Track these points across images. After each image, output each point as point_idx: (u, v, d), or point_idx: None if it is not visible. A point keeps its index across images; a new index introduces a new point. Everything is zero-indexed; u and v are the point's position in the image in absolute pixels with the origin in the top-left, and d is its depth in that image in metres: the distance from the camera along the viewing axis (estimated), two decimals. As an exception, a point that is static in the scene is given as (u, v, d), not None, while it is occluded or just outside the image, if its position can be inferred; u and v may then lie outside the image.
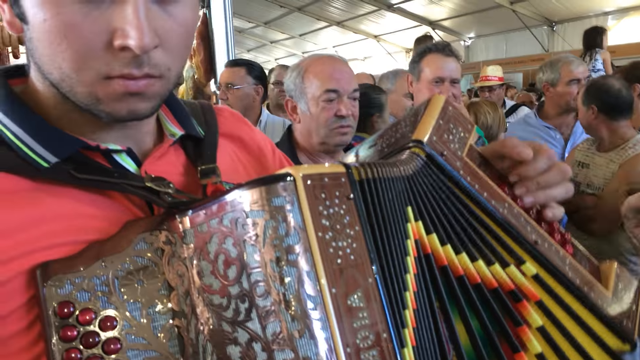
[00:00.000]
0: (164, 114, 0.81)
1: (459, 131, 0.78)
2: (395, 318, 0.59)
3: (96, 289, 0.62)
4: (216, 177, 0.76)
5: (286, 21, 20.22)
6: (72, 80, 0.63)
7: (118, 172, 0.69)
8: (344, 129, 1.84)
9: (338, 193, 0.60)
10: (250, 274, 0.58)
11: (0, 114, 0.69)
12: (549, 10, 13.34)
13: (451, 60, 2.37)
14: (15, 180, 0.64)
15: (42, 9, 0.60)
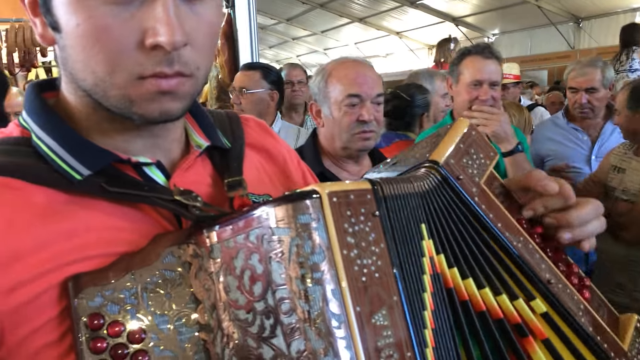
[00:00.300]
0: (190, 124, 0.82)
1: (480, 157, 0.76)
2: (418, 337, 0.59)
3: (125, 302, 0.63)
4: (243, 189, 0.77)
5: (308, 18, 20.21)
6: (106, 84, 0.64)
7: (148, 185, 0.71)
8: (366, 134, 1.83)
9: (364, 210, 0.60)
10: (275, 290, 0.58)
11: (35, 126, 0.70)
12: (575, 6, 13.12)
13: (491, 62, 2.33)
14: (49, 193, 0.66)
15: (75, 14, 0.62)
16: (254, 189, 0.81)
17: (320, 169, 1.84)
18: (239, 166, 0.81)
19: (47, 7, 0.64)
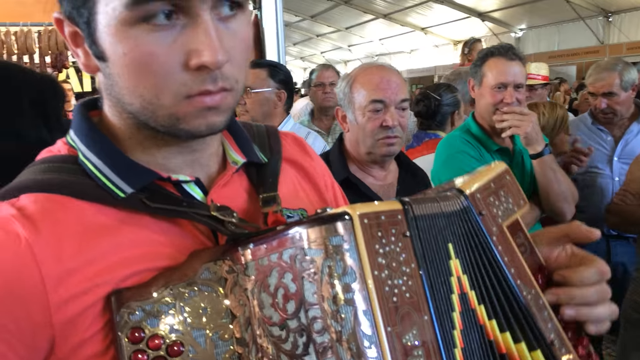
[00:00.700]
0: (227, 141, 0.84)
1: (509, 202, 0.77)
2: (449, 357, 0.60)
3: (164, 316, 0.66)
4: (277, 205, 0.79)
5: (332, 14, 20.18)
6: (154, 106, 0.67)
7: (186, 201, 0.73)
8: (390, 139, 1.83)
9: (394, 231, 0.61)
10: (308, 310, 0.60)
11: (82, 146, 0.73)
12: (604, 0, 12.87)
13: (515, 64, 2.28)
14: (96, 209, 0.69)
15: (121, 44, 0.64)
16: (288, 203, 0.84)
17: (346, 174, 1.86)
18: (275, 182, 0.83)
19: (92, 39, 0.67)
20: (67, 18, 0.69)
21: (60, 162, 0.74)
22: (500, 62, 2.28)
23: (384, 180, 1.93)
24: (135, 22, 0.63)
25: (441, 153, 2.37)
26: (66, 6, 0.68)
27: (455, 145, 2.31)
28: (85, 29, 0.67)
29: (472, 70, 2.41)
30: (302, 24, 22.77)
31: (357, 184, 1.85)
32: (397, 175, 1.97)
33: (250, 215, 0.79)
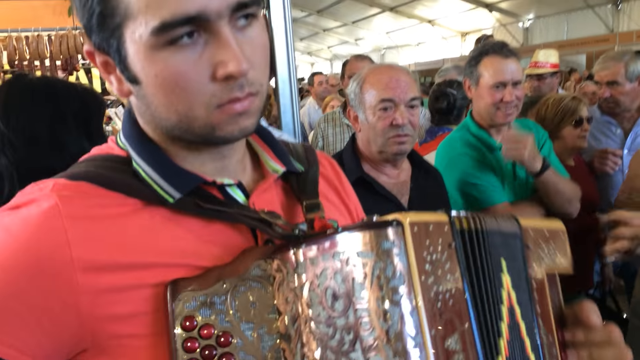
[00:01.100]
0: (264, 151, 0.88)
1: (555, 255, 0.82)
2: None
3: (216, 307, 0.69)
4: (321, 212, 0.83)
5: (339, 9, 20.15)
6: (189, 119, 0.71)
7: (235, 204, 0.78)
8: (401, 137, 1.84)
9: (441, 240, 0.65)
10: (357, 309, 0.63)
11: (133, 152, 0.78)
12: (613, -12, 12.77)
13: (510, 61, 2.23)
14: (145, 205, 0.74)
15: (151, 67, 0.68)
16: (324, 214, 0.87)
17: (360, 174, 1.88)
18: (315, 190, 0.87)
19: (123, 66, 0.71)
20: (97, 49, 0.72)
21: (115, 162, 0.78)
22: (496, 61, 2.23)
23: (397, 179, 1.95)
24: (161, 46, 0.67)
25: (443, 155, 2.34)
26: (95, 38, 0.71)
27: (456, 148, 2.29)
28: (116, 57, 0.71)
29: (467, 71, 2.34)
30: (308, 19, 22.75)
31: (372, 182, 1.87)
32: (410, 173, 1.99)
33: (293, 217, 0.83)
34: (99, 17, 0.68)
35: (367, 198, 1.84)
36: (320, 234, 0.70)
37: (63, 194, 0.70)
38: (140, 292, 0.69)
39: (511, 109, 2.24)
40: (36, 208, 0.69)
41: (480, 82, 2.27)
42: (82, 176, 0.74)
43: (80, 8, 0.70)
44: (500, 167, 2.28)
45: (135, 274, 0.70)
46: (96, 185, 0.73)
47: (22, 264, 0.66)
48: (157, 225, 0.73)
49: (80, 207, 0.70)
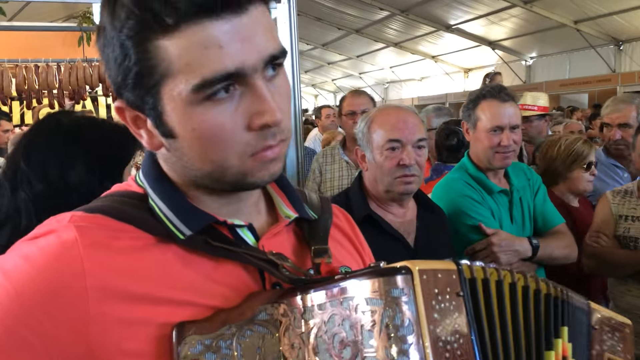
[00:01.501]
0: (279, 197, 0.90)
1: (619, 346, 0.83)
2: None
3: (222, 351, 0.69)
4: (328, 257, 0.84)
5: (344, 43, 20.41)
6: (223, 168, 0.73)
7: (244, 244, 0.79)
8: (407, 177, 1.87)
9: (449, 289, 0.65)
10: (365, 357, 0.63)
11: (149, 189, 0.80)
12: (615, 29, 12.93)
13: (508, 105, 2.26)
14: (158, 240, 0.76)
15: (189, 121, 0.70)
16: (334, 260, 0.88)
17: (367, 212, 1.89)
18: (325, 236, 0.89)
19: (159, 121, 0.73)
20: (128, 106, 0.74)
21: (133, 198, 0.80)
22: (494, 105, 2.25)
23: (404, 217, 1.97)
24: (199, 101, 0.69)
25: (442, 196, 2.33)
26: (128, 96, 0.73)
27: (456, 189, 2.30)
28: (151, 113, 0.73)
29: (465, 114, 2.37)
30: (313, 52, 23.03)
31: (379, 220, 1.89)
32: (415, 212, 2.00)
33: (301, 262, 0.85)
34: (135, 76, 0.69)
35: (374, 236, 1.85)
36: (329, 278, 0.70)
37: (80, 225, 0.72)
38: (148, 330, 0.70)
39: (509, 153, 2.26)
40: (54, 238, 0.70)
41: (478, 126, 2.29)
42: (99, 209, 0.76)
43: (114, 67, 0.71)
44: (498, 209, 2.29)
45: (145, 308, 0.70)
46: (111, 218, 0.74)
47: (38, 291, 0.67)
48: (168, 261, 0.74)
49: (97, 238, 0.71)
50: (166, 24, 0.66)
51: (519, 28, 14.68)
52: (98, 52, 0.74)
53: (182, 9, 0.65)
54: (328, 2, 16.08)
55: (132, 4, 0.66)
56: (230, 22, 0.67)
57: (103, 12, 0.70)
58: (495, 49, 16.51)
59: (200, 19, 0.66)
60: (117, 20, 0.67)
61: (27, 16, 9.38)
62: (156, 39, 0.67)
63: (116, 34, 0.68)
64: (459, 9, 14.40)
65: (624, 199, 2.62)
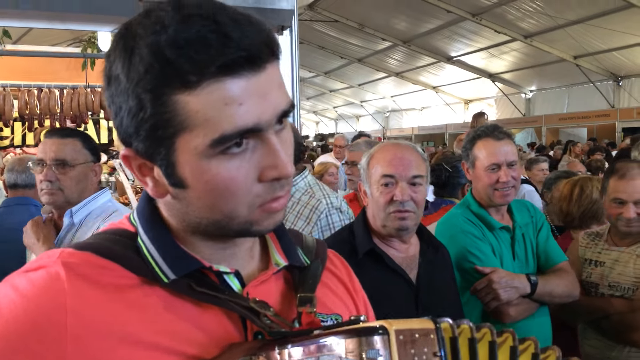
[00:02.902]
0: (273, 243, 0.89)
1: None
2: None
3: None
4: (311, 307, 0.82)
5: (346, 71, 20.64)
6: (230, 218, 0.73)
7: (227, 291, 0.78)
8: (402, 213, 1.88)
9: (426, 350, 0.65)
10: None
11: (140, 229, 0.79)
12: (614, 65, 13.10)
13: (504, 142, 2.30)
14: (141, 281, 0.75)
15: (203, 174, 0.70)
16: (324, 307, 0.88)
17: (371, 246, 1.91)
18: (314, 283, 0.87)
19: (170, 171, 0.72)
20: (137, 155, 0.73)
21: (123, 237, 0.80)
22: (490, 143, 2.30)
23: (406, 253, 1.98)
24: (214, 155, 0.69)
25: (443, 232, 2.34)
26: (138, 145, 0.72)
27: (458, 225, 2.32)
28: (163, 163, 0.72)
29: (464, 154, 2.41)
30: (315, 80, 23.26)
31: (382, 255, 1.90)
32: (418, 248, 2.01)
33: (285, 312, 0.83)
34: (150, 128, 0.69)
35: (377, 271, 1.88)
36: (309, 332, 0.70)
37: (68, 261, 0.72)
38: None
39: (508, 189, 2.29)
40: (43, 273, 0.71)
41: (476, 165, 2.33)
42: (88, 247, 0.76)
43: (127, 118, 0.70)
44: (499, 245, 2.30)
45: (124, 351, 0.70)
46: (99, 256, 0.74)
47: (20, 322, 0.68)
48: (151, 304, 0.74)
49: (82, 275, 0.71)
50: (188, 81, 0.66)
51: (519, 62, 14.87)
52: (107, 99, 0.74)
53: (204, 66, 0.65)
54: (332, 31, 16.31)
55: (152, 58, 0.65)
56: (249, 80, 0.68)
57: (116, 61, 0.69)
58: (496, 81, 16.69)
59: (222, 77, 0.66)
60: (134, 72, 0.67)
61: (32, 39, 9.48)
62: (175, 94, 0.67)
63: (132, 85, 0.67)
64: (459, 41, 14.61)
65: (593, 242, 2.60)
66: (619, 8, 10.22)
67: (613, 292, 2.42)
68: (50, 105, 4.56)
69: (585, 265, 2.52)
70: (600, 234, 2.60)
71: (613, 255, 2.47)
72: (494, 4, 11.63)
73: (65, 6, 2.75)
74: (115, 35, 0.71)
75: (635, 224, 2.39)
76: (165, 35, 0.65)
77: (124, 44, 0.68)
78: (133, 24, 0.69)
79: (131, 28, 0.69)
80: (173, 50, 0.65)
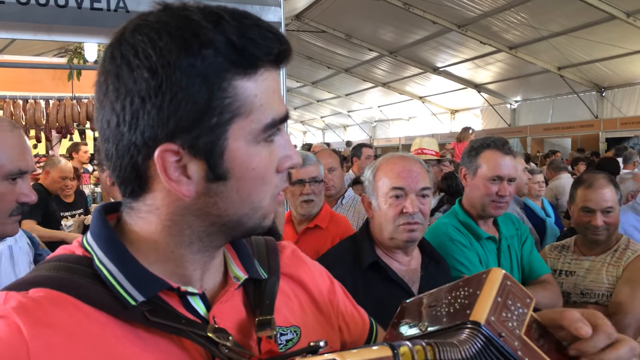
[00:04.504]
0: (230, 255, 0.88)
1: (517, 307, 0.77)
2: None
3: None
4: (271, 330, 0.81)
5: (333, 81, 20.70)
6: (255, 210, 0.76)
7: (185, 319, 0.75)
8: (411, 225, 1.90)
9: None
10: None
11: (99, 251, 0.75)
12: (597, 76, 13.28)
13: (509, 158, 2.35)
14: (100, 315, 0.71)
15: (251, 160, 0.73)
16: (284, 319, 0.87)
17: (375, 258, 1.92)
18: (271, 304, 0.86)
19: (215, 163, 0.71)
20: (181, 149, 0.70)
21: (74, 263, 0.76)
22: (497, 155, 2.34)
23: (408, 266, 2.00)
24: (261, 140, 0.73)
25: (432, 240, 2.37)
26: (183, 139, 0.69)
27: (447, 233, 2.34)
28: (209, 155, 0.71)
29: (467, 160, 2.42)
30: (303, 90, 23.30)
31: (385, 268, 1.91)
32: (420, 261, 2.03)
33: (245, 334, 0.82)
34: (205, 116, 0.69)
35: (380, 283, 1.90)
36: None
37: (24, 307, 0.68)
38: None
39: (503, 203, 2.33)
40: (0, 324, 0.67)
41: (478, 173, 2.36)
42: (42, 281, 0.72)
43: (171, 108, 0.68)
44: (485, 255, 2.32)
45: None
46: (55, 290, 0.71)
47: None
48: (113, 339, 0.71)
49: (40, 320, 0.68)
50: (250, 66, 0.70)
51: (504, 72, 15.02)
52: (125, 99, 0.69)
53: (267, 53, 0.70)
54: (319, 42, 16.37)
55: (218, 44, 0.68)
56: (278, 74, 0.75)
57: (161, 53, 0.67)
58: (481, 91, 16.83)
59: (272, 66, 0.73)
60: (191, 60, 0.67)
61: (18, 49, 9.41)
62: (235, 80, 0.69)
63: (183, 75, 0.67)
64: (445, 52, 14.73)
65: (560, 253, 2.68)
66: (602, 20, 10.37)
67: (586, 299, 2.49)
68: (36, 116, 4.53)
69: (555, 276, 2.58)
70: (566, 245, 2.70)
71: (584, 264, 2.56)
72: (479, 16, 11.75)
73: (52, 18, 2.73)
74: (157, 29, 0.69)
75: (603, 232, 2.50)
76: (228, 25, 0.69)
77: (181, 34, 0.67)
78: (188, 17, 0.69)
79: (189, 19, 0.69)
80: (238, 36, 0.68)
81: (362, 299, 1.82)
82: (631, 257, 2.46)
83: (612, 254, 2.52)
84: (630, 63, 12.04)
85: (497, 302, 0.76)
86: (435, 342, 0.69)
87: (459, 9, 11.64)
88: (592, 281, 2.50)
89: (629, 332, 2.31)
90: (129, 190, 0.75)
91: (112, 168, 0.74)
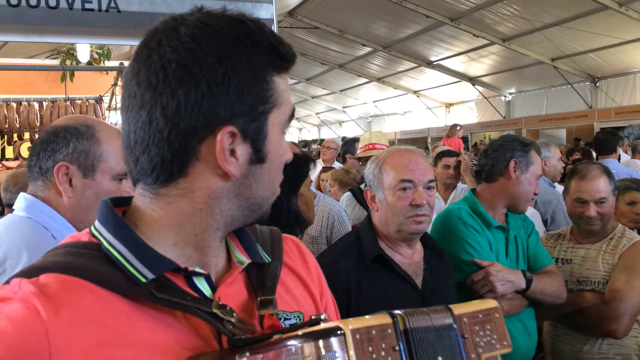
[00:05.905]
0: (233, 242, 0.91)
1: (493, 337, 0.78)
2: None
3: None
4: (273, 308, 0.84)
5: (327, 77, 20.69)
6: (274, 194, 0.87)
7: (190, 296, 0.79)
8: (419, 217, 1.93)
9: (384, 345, 0.65)
10: None
11: (109, 234, 0.79)
12: (591, 67, 13.30)
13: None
14: (109, 294, 0.74)
15: (280, 147, 0.84)
16: (287, 305, 0.90)
17: (378, 252, 1.94)
18: (274, 285, 0.89)
19: (259, 146, 0.81)
20: (238, 131, 0.78)
21: (81, 248, 0.80)
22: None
23: (411, 259, 2.02)
24: (285, 130, 0.86)
25: (444, 223, 2.44)
26: (243, 122, 0.79)
27: (459, 217, 2.40)
28: (256, 137, 0.80)
29: (522, 153, 2.43)
30: (297, 86, 23.28)
31: (389, 261, 1.92)
32: (422, 254, 2.05)
33: (249, 314, 0.85)
34: (256, 103, 0.79)
35: (384, 276, 1.93)
36: (268, 336, 0.71)
37: (43, 290, 0.71)
38: None
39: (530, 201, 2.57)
40: (18, 306, 0.69)
41: (531, 170, 2.41)
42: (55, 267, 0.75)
43: (235, 96, 0.77)
44: (495, 243, 2.38)
45: None
46: (68, 275, 0.73)
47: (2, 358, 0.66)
48: (119, 317, 0.73)
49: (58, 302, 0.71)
50: (284, 67, 0.83)
51: (498, 65, 15.03)
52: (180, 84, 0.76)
53: (293, 57, 0.84)
54: (312, 38, 16.35)
55: (270, 44, 0.80)
56: None
57: (228, 48, 0.77)
58: (475, 84, 16.84)
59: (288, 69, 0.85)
60: (249, 54, 0.78)
61: (10, 51, 9.36)
62: (274, 75, 0.81)
63: (245, 65, 0.78)
64: (439, 46, 14.72)
65: (556, 242, 2.73)
66: (595, 10, 10.37)
67: (582, 287, 2.53)
68: (30, 119, 4.52)
69: None
70: (562, 234, 2.75)
71: (580, 252, 2.60)
72: (472, 9, 11.75)
73: (43, 19, 2.71)
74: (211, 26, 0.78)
75: (597, 222, 2.54)
76: (267, 31, 0.81)
77: (235, 33, 0.78)
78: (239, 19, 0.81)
79: (240, 20, 0.80)
80: (277, 41, 0.81)
81: (367, 292, 1.84)
82: (627, 245, 2.51)
83: (608, 242, 2.56)
84: (623, 53, 12.05)
85: (477, 315, 0.79)
86: (410, 310, 0.73)
87: (451, 2, 11.64)
88: (588, 269, 2.54)
89: (624, 319, 2.35)
90: (163, 177, 0.78)
91: (148, 159, 0.78)
